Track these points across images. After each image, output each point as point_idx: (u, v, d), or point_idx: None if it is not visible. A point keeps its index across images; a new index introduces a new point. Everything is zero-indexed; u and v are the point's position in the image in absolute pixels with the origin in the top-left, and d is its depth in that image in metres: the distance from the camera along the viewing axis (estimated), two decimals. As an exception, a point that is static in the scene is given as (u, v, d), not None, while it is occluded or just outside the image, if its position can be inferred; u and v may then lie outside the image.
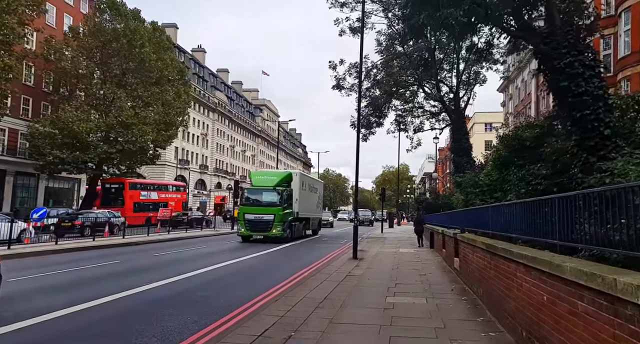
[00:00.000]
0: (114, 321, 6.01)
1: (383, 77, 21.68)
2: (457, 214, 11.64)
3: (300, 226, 22.76)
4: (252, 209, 19.85)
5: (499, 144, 13.03)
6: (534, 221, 4.63)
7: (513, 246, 5.22)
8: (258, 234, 19.69)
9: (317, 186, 28.08)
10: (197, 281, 9.32)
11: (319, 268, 11.35)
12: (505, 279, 5.29)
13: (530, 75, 32.03)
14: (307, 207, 23.97)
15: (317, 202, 27.83)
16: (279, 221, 19.43)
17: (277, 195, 19.82)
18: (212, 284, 9.05)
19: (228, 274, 10.57)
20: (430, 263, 13.00)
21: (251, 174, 23.35)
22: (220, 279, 9.75)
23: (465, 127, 22.51)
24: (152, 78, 32.14)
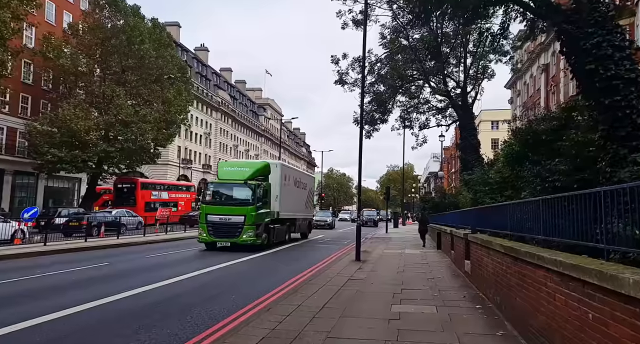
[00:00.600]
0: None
1: (387, 72, 20.88)
2: (468, 213, 10.86)
3: (283, 229, 18.52)
4: (216, 209, 15.49)
5: (511, 139, 12.22)
6: (577, 219, 3.84)
7: (542, 249, 4.44)
8: (224, 240, 15.20)
9: (306, 180, 23.42)
10: (179, 288, 8.53)
11: (319, 271, 10.61)
12: (532, 289, 4.52)
13: (539, 70, 31.11)
14: (293, 205, 19.64)
15: (307, 200, 23.28)
16: (250, 223, 15.16)
17: (250, 191, 15.48)
18: (197, 291, 8.33)
19: (214, 279, 9.85)
20: (438, 265, 12.22)
21: (219, 165, 18.89)
22: (206, 286, 9.02)
23: (473, 123, 21.69)
24: (152, 75, 31.57)
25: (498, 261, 6.18)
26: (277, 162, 19.12)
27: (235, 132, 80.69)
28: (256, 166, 17.11)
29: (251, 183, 15.67)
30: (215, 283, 9.29)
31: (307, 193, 23.08)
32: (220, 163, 19.69)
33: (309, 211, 24.03)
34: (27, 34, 30.69)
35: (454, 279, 9.56)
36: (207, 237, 15.29)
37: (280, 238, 18.17)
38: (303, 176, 23.82)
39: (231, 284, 9.08)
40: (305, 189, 22.82)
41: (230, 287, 8.68)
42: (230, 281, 9.53)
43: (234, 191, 15.97)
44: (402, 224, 45.87)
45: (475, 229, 9.16)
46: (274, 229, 17.16)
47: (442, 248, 16.33)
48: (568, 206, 4.12)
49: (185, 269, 10.48)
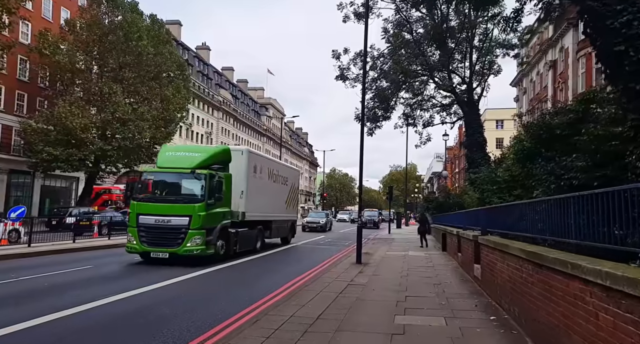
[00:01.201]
0: None
1: (390, 67, 20.14)
2: (477, 213, 10.12)
3: (251, 234, 14.41)
4: (152, 207, 11.44)
5: (522, 134, 11.43)
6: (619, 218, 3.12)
7: (577, 256, 3.71)
8: (160, 250, 11.17)
9: (286, 173, 18.91)
10: (155, 297, 7.81)
11: (317, 275, 9.89)
12: (563, 303, 3.79)
13: (546, 67, 30.29)
14: (267, 204, 15.70)
15: (289, 198, 19.03)
16: (198, 226, 11.12)
17: (199, 183, 11.51)
18: (176, 302, 7.63)
19: (200, 284, 9.16)
20: (444, 268, 11.48)
21: (161, 149, 14.34)
22: (191, 291, 8.32)
23: (479, 120, 20.92)
24: (150, 73, 30.95)
25: (516, 267, 5.45)
26: (242, 148, 14.92)
27: (237, 132, 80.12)
28: (210, 151, 12.91)
29: (201, 173, 11.48)
30: (205, 289, 8.59)
31: (288, 190, 18.86)
32: (163, 147, 14.61)
33: (291, 211, 19.45)
34: (23, 30, 30.21)
35: (462, 285, 8.82)
36: (138, 246, 11.28)
37: (247, 246, 13.91)
38: (283, 168, 19.13)
39: (206, 297, 8.36)
40: (287, 184, 18.59)
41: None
42: (206, 292, 8.82)
43: (177, 183, 12.03)
44: (405, 224, 45.09)
45: (486, 230, 8.43)
46: (236, 234, 12.95)
47: (448, 250, 15.59)
48: (607, 204, 3.40)
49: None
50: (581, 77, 24.16)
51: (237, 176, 13.19)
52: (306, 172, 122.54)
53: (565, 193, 5.58)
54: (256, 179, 14.70)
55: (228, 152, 13.21)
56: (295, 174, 21.12)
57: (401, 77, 19.46)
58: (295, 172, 21.41)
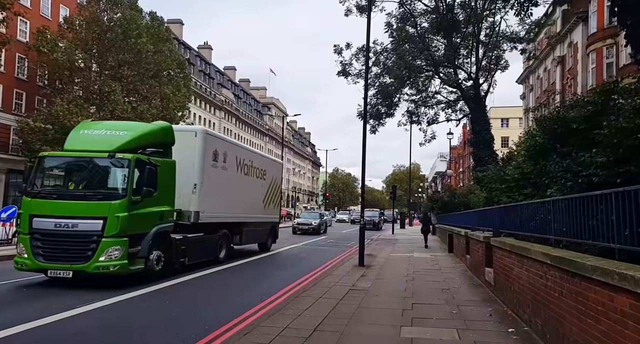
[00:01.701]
0: None
1: (394, 62, 19.51)
2: (488, 212, 9.48)
3: (209, 242, 11.25)
4: (51, 206, 8.18)
5: (534, 129, 10.77)
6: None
7: (626, 265, 3.08)
8: (61, 267, 7.93)
9: (264, 165, 15.23)
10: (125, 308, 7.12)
11: (317, 279, 9.28)
12: (605, 320, 3.16)
13: (554, 63, 29.53)
14: (235, 202, 12.45)
15: (268, 196, 15.47)
16: (114, 232, 7.95)
17: (119, 172, 8.45)
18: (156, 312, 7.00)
19: (198, 283, 8.55)
20: (452, 271, 10.84)
21: (75, 127, 10.07)
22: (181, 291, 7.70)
23: (486, 116, 20.29)
24: (149, 71, 30.46)
25: (538, 273, 4.82)
26: (195, 128, 11.45)
27: (239, 132, 79.68)
28: (141, 130, 9.44)
29: (123, 157, 8.31)
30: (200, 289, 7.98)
31: (267, 185, 15.31)
32: (80, 124, 10.45)
33: (271, 212, 15.88)
34: (21, 28, 29.83)
35: (473, 291, 8.19)
36: (30, 261, 7.96)
37: (202, 256, 10.64)
38: (260, 159, 15.19)
39: (202, 300, 7.75)
40: (264, 179, 15.04)
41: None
42: (200, 294, 8.21)
43: (89, 171, 8.83)
44: (409, 224, 44.41)
45: (499, 231, 7.80)
46: (183, 241, 9.77)
47: (455, 251, 14.94)
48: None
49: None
50: (591, 73, 23.42)
51: (188, 164, 9.90)
52: (309, 172, 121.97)
53: (584, 191, 4.99)
54: (218, 169, 11.24)
55: (168, 132, 9.66)
56: (277, 167, 17.08)
57: (405, 72, 18.85)
58: (277, 165, 17.26)
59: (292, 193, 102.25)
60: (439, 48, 21.14)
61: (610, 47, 21.89)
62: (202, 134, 10.76)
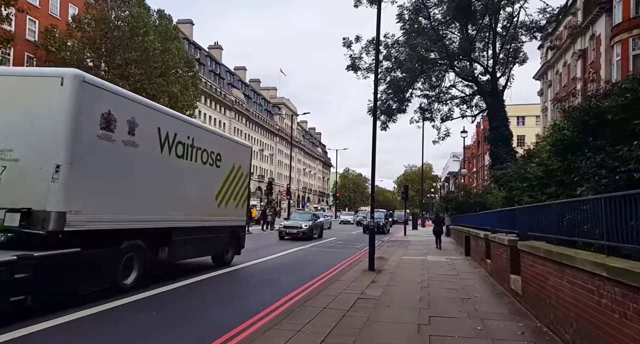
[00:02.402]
0: None
1: (406, 54, 18.58)
2: (512, 213, 8.54)
3: (96, 260, 6.72)
4: None
5: (562, 122, 9.78)
6: None
7: None
8: None
9: (216, 147, 10.49)
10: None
11: (321, 286, 8.46)
12: None
13: (575, 57, 28.23)
14: (157, 197, 8.35)
15: (225, 190, 11.09)
16: None
17: None
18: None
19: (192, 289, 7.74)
20: (471, 277, 9.91)
21: None
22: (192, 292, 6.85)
23: (504, 112, 19.22)
24: (157, 69, 30.04)
25: (588, 287, 3.93)
26: (64, 72, 6.62)
27: (250, 132, 79.38)
28: None
29: None
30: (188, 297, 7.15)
31: (223, 176, 10.86)
32: None
33: (229, 212, 11.19)
34: (30, 27, 29.71)
35: (497, 301, 7.28)
36: None
37: (65, 288, 6.24)
38: (209, 138, 10.37)
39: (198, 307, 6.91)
40: (218, 166, 10.54)
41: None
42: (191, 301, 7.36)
43: None
44: (422, 225, 43.27)
45: (527, 234, 6.88)
46: (21, 267, 5.37)
47: (472, 255, 13.97)
48: None
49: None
50: (616, 66, 22.15)
51: (41, 131, 6.23)
52: (319, 173, 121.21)
53: (622, 189, 4.13)
54: (115, 145, 7.08)
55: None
56: (240, 151, 11.90)
57: (418, 65, 17.88)
58: (241, 149, 12.02)
59: (302, 193, 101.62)
60: (453, 41, 20.17)
61: (637, 38, 20.65)
62: (75, 82, 6.30)
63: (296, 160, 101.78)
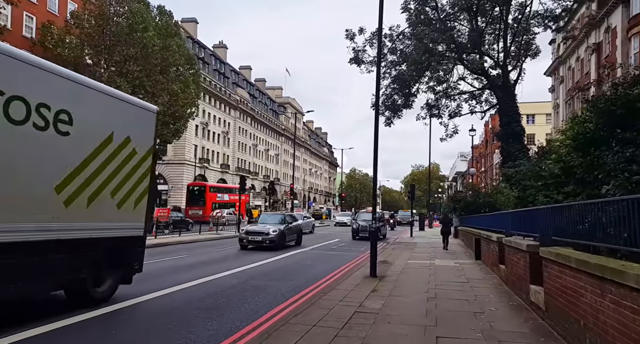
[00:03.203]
0: None
1: (413, 45, 17.61)
2: (530, 214, 7.59)
3: None
4: None
5: (585, 113, 8.78)
6: None
7: None
8: None
9: (75, 102, 5.95)
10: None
11: (316, 296, 7.56)
12: None
13: (589, 51, 27.04)
14: None
15: (83, 176, 6.06)
16: None
17: None
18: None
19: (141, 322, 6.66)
20: (483, 286, 8.96)
21: None
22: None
23: (516, 107, 18.19)
24: (156, 66, 29.37)
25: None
26: None
27: (255, 131, 78.76)
28: None
29: None
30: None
31: (84, 151, 6.17)
32: None
33: (103, 214, 6.59)
34: (27, 24, 29.22)
35: (515, 316, 6.32)
36: None
37: None
38: (45, 79, 5.60)
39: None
40: (67, 135, 5.84)
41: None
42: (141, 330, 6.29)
43: None
44: (429, 226, 42.18)
45: (551, 239, 5.93)
46: None
47: (483, 259, 12.99)
48: None
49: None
50: (634, 59, 21.01)
51: None
52: (325, 173, 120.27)
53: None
54: None
55: None
56: (130, 115, 7.25)
57: (424, 58, 16.87)
58: (129, 112, 7.24)
59: (308, 194, 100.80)
60: (462, 33, 19.16)
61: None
62: None
63: (302, 160, 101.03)
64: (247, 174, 72.95)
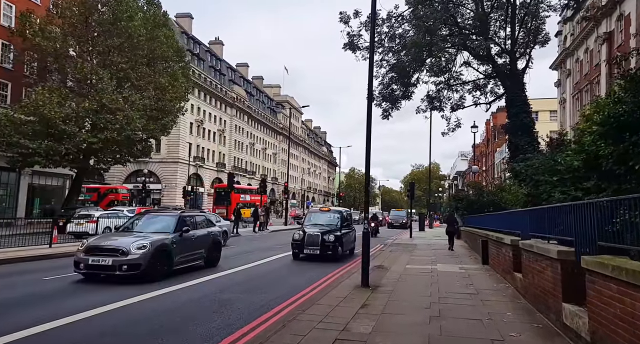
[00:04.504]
0: None
1: (413, 26, 16.06)
2: (555, 212, 6.06)
3: None
4: None
5: (620, 89, 7.24)
6: None
7: None
8: None
9: None
10: None
11: (292, 312, 6.06)
12: None
13: (599, 41, 25.54)
14: None
15: None
16: None
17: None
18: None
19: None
20: (495, 298, 7.45)
21: None
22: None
23: (524, 96, 16.71)
24: (142, 57, 27.86)
25: None
26: None
27: (252, 130, 77.30)
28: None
29: None
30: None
31: None
32: None
33: None
34: (5, 12, 27.76)
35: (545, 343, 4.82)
36: None
37: None
38: None
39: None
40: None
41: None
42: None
43: None
44: (429, 226, 40.64)
45: (597, 245, 4.45)
46: None
47: (492, 263, 11.50)
48: None
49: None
50: (651, 46, 19.52)
51: None
52: (325, 172, 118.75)
53: None
54: None
55: None
56: None
57: (425, 40, 15.29)
58: None
59: (306, 193, 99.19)
60: (466, 17, 17.68)
61: (677, 13, 18.00)
62: None
63: (300, 159, 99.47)
64: (244, 173, 71.39)
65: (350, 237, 14.16)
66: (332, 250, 12.44)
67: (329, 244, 12.42)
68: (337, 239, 12.73)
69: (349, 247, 14.05)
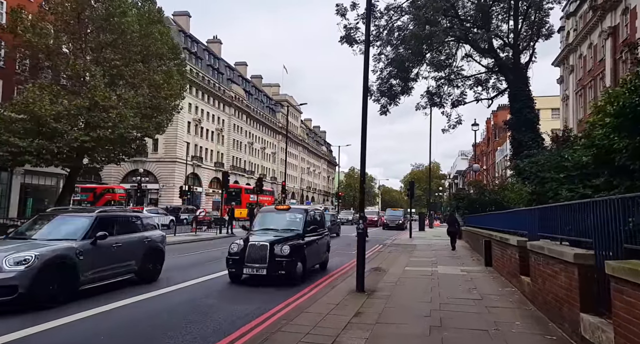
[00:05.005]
0: None
1: (413, 17, 15.44)
2: (577, 209, 5.43)
3: None
4: None
5: (635, 77, 6.63)
6: None
7: None
8: None
9: None
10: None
11: (277, 322, 5.45)
12: None
13: (604, 35, 24.91)
14: None
15: None
16: None
17: None
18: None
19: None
20: (502, 305, 6.85)
21: None
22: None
23: (528, 91, 16.11)
24: (136, 54, 27.27)
25: None
26: None
27: (251, 129, 76.78)
28: None
29: None
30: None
31: None
32: None
33: None
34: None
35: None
36: None
37: None
38: None
39: None
40: None
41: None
42: None
43: None
44: (429, 226, 40.04)
45: (623, 248, 3.85)
46: None
47: (496, 265, 10.90)
48: None
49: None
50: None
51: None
52: (324, 172, 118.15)
53: None
54: None
55: None
56: None
57: (425, 31, 14.67)
58: None
59: (306, 193, 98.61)
60: (467, 9, 17.07)
61: (685, 4, 17.40)
62: None
63: (299, 159, 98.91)
64: (243, 173, 70.79)
65: (319, 247, 10.33)
66: (287, 268, 8.32)
67: (281, 260, 8.29)
68: (295, 251, 8.53)
69: (317, 261, 10.39)
